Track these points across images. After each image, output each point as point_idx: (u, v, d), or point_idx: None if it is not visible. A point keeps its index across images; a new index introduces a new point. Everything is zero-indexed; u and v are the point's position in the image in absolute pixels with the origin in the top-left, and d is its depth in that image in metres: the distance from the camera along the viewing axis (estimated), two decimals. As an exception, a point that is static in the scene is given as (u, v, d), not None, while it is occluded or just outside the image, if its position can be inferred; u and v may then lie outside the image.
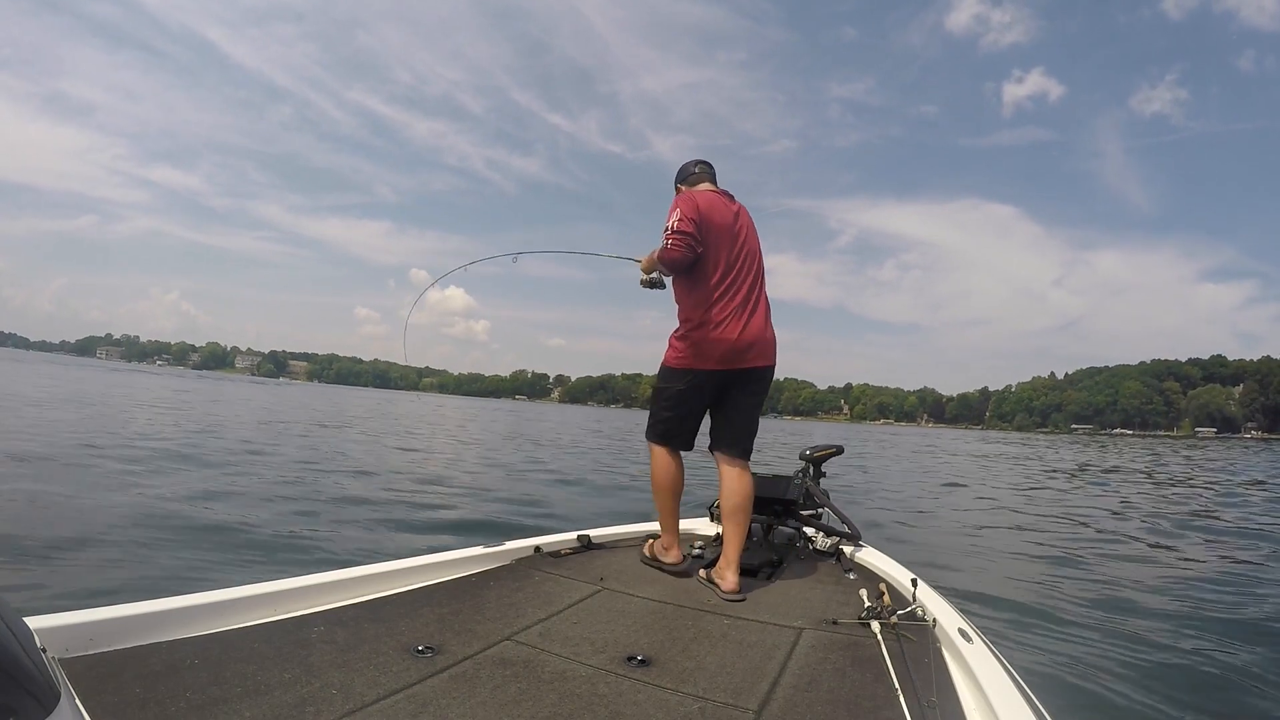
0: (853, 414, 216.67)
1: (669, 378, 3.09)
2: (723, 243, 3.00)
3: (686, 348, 3.01)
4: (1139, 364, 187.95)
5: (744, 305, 2.99)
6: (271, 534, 5.66)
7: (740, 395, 3.05)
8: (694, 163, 3.36)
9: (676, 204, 3.02)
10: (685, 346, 3.01)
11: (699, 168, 3.32)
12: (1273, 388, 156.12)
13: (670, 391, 3.08)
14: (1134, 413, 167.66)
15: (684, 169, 3.36)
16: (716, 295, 2.97)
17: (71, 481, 6.95)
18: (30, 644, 0.87)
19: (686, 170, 3.34)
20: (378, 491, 8.51)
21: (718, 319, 2.95)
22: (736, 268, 3.02)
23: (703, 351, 2.97)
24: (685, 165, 3.38)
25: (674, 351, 3.07)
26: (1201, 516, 10.85)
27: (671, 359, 3.08)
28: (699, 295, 2.99)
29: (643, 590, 2.78)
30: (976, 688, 1.89)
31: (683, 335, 3.03)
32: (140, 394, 26.19)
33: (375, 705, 1.63)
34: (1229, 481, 19.31)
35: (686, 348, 3.01)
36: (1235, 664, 3.84)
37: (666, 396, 3.09)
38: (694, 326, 2.98)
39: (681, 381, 3.04)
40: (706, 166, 3.34)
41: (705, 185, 3.25)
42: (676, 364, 3.05)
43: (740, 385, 3.04)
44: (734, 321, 2.96)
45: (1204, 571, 6.42)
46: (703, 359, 2.98)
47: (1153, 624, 4.56)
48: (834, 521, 3.69)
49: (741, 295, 3.00)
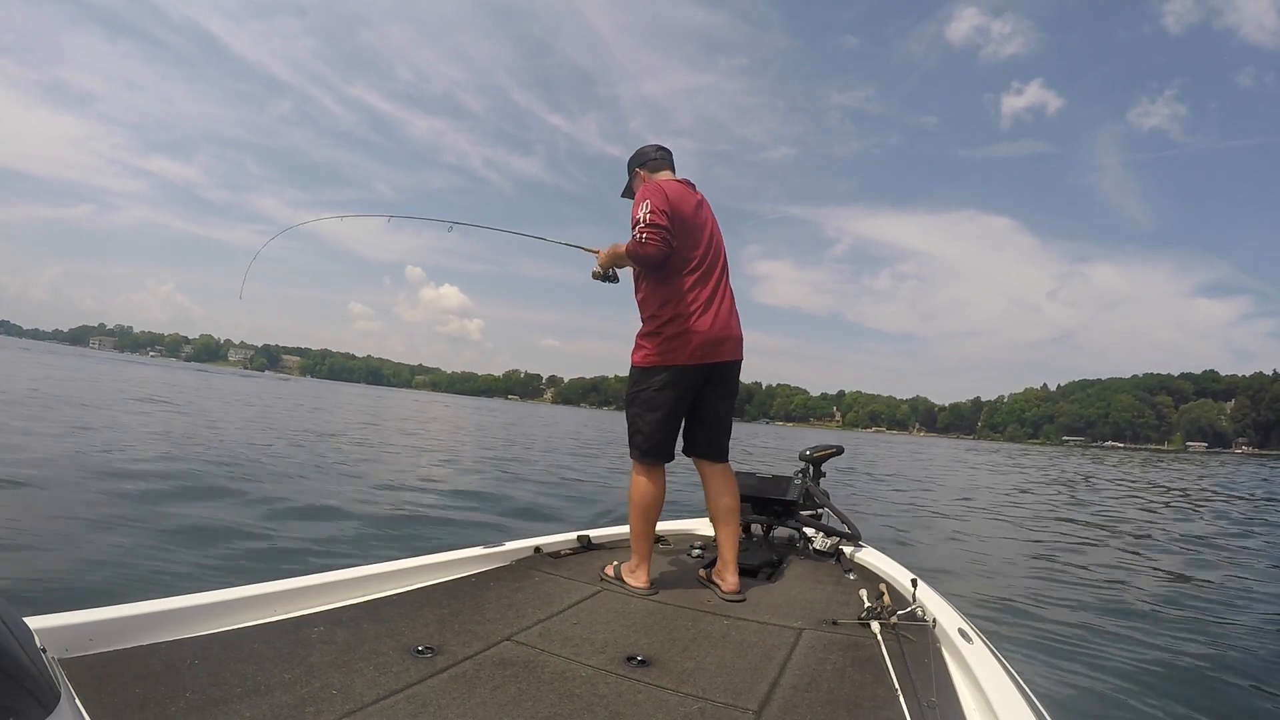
0: (845, 421, 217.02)
1: (641, 379, 2.92)
2: (691, 235, 2.89)
3: (658, 344, 2.86)
4: (1131, 377, 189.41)
5: (713, 298, 2.89)
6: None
7: (713, 394, 2.95)
8: (653, 147, 3.18)
9: (645, 195, 2.86)
10: (657, 343, 2.87)
11: (659, 154, 3.15)
12: (1264, 403, 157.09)
13: (646, 394, 2.90)
14: (1125, 426, 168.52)
15: (643, 153, 3.17)
16: (687, 289, 2.86)
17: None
18: (30, 644, 0.87)
19: (646, 155, 3.16)
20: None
21: (689, 313, 2.84)
22: (706, 261, 2.92)
23: (675, 346, 2.84)
24: (644, 149, 3.19)
25: (644, 351, 2.91)
26: (1200, 525, 10.89)
27: (642, 359, 2.92)
28: (669, 290, 2.86)
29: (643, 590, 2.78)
30: (976, 688, 1.89)
31: (653, 332, 2.88)
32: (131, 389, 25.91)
33: (375, 705, 1.62)
34: (1229, 493, 19.41)
35: (658, 344, 2.86)
36: (1234, 665, 3.86)
37: (642, 400, 2.91)
38: (664, 322, 2.85)
39: (656, 381, 2.87)
40: (666, 153, 3.18)
41: (665, 173, 3.10)
42: (648, 363, 2.89)
43: (713, 383, 2.93)
44: (704, 314, 2.86)
45: (1204, 576, 6.44)
46: (675, 354, 2.84)
47: (1152, 625, 4.59)
48: (834, 522, 3.69)
49: (710, 288, 2.90)
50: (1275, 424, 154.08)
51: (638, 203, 2.86)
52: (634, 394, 2.94)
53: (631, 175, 3.18)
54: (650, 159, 3.14)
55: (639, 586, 2.80)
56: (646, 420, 2.89)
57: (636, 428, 2.92)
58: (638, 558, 2.87)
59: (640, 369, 2.92)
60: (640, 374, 2.92)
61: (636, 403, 2.93)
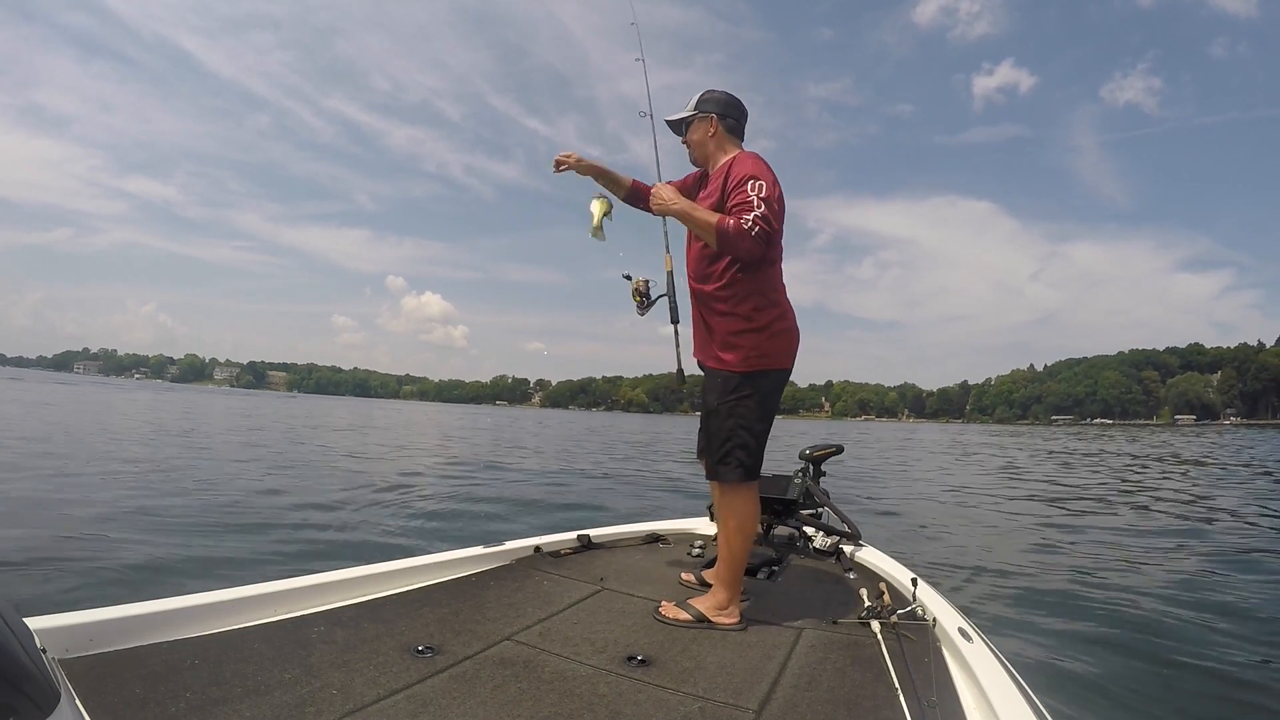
0: (834, 411, 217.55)
1: (743, 385, 2.47)
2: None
3: (762, 343, 2.47)
4: (1117, 354, 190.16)
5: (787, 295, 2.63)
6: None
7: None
8: (739, 104, 2.70)
9: (758, 170, 2.41)
10: (760, 341, 2.47)
11: (743, 119, 2.70)
12: (1250, 374, 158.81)
13: (750, 403, 2.46)
14: (1113, 402, 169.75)
15: (726, 101, 2.66)
16: (781, 281, 2.55)
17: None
18: (30, 644, 0.87)
19: (733, 106, 2.67)
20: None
21: (787, 309, 2.54)
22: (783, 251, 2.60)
23: (780, 346, 2.51)
24: (730, 97, 2.68)
25: (743, 351, 2.47)
26: (1203, 510, 10.91)
27: (742, 361, 2.47)
28: (771, 276, 2.52)
29: (643, 590, 2.78)
30: (976, 687, 1.90)
31: (757, 329, 2.47)
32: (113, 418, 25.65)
33: (375, 705, 1.63)
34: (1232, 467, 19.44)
35: (762, 343, 2.47)
36: (1234, 664, 3.86)
37: (751, 408, 2.46)
38: (774, 317, 2.49)
39: (764, 386, 2.49)
40: (745, 116, 2.72)
41: (735, 146, 2.68)
42: (752, 366, 2.47)
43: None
44: (792, 311, 2.59)
45: (1203, 572, 6.46)
46: (780, 355, 2.52)
47: (1153, 625, 4.58)
48: (834, 521, 3.69)
49: (784, 283, 2.62)
50: (1262, 394, 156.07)
51: (748, 175, 2.40)
52: (734, 403, 2.47)
53: (697, 114, 2.67)
54: (732, 116, 2.66)
55: (733, 624, 2.42)
56: (756, 433, 2.48)
57: (740, 442, 2.46)
58: (732, 592, 2.47)
59: (741, 374, 2.48)
60: (741, 380, 2.47)
61: (738, 413, 2.46)
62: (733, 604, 2.46)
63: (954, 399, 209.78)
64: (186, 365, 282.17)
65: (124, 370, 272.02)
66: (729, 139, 2.66)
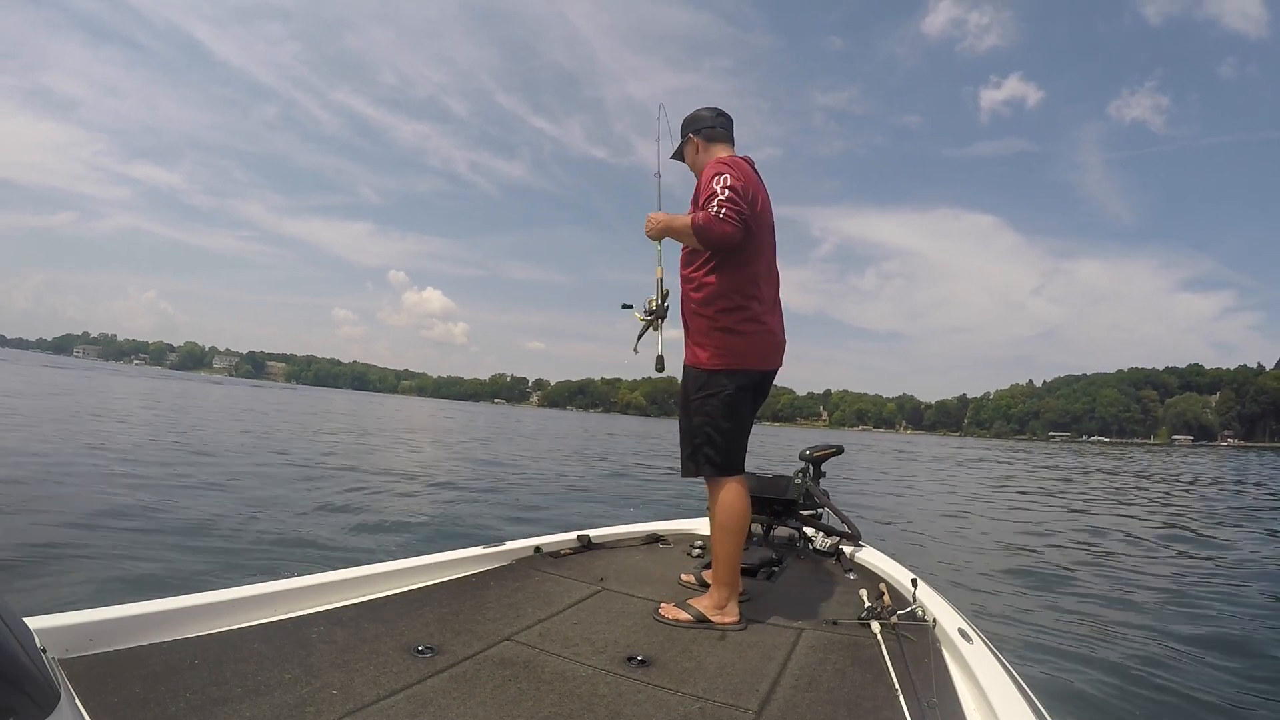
0: (831, 420, 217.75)
1: (709, 383, 2.55)
2: (763, 223, 2.61)
3: (729, 342, 2.55)
4: (1116, 372, 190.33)
5: (776, 297, 2.70)
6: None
7: (753, 404, 2.66)
8: (712, 112, 2.80)
9: (721, 167, 2.54)
10: (728, 341, 2.55)
11: (718, 120, 2.78)
12: (1249, 396, 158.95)
13: (720, 398, 2.53)
14: (1111, 420, 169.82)
15: (699, 117, 2.79)
16: (760, 281, 2.60)
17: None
18: (30, 644, 0.87)
19: (702, 119, 2.79)
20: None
21: (761, 309, 2.59)
22: (769, 254, 2.68)
23: (748, 346, 2.57)
24: (700, 113, 2.80)
25: (710, 350, 2.57)
26: (1195, 521, 10.97)
27: (709, 360, 2.56)
28: (743, 278, 2.56)
29: (643, 590, 2.78)
30: (976, 688, 1.90)
31: (724, 328, 2.55)
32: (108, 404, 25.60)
33: (375, 705, 1.63)
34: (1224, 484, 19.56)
35: (729, 342, 2.55)
36: (1233, 665, 3.88)
37: (716, 406, 2.53)
38: (740, 319, 2.55)
39: (731, 384, 2.54)
40: (726, 121, 2.80)
41: (723, 147, 2.77)
42: (717, 365, 2.55)
43: (760, 392, 2.67)
44: (773, 313, 2.65)
45: (1201, 573, 6.48)
46: (748, 356, 2.57)
47: (1152, 625, 4.60)
48: (834, 521, 3.69)
49: (773, 285, 2.69)
50: (1260, 416, 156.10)
51: (711, 174, 2.54)
52: (700, 400, 2.56)
53: (684, 140, 2.84)
54: (707, 125, 2.78)
55: (733, 623, 2.43)
56: (723, 430, 2.54)
57: (706, 439, 2.55)
58: (729, 590, 2.48)
59: (706, 372, 2.57)
60: (707, 377, 2.57)
61: (705, 410, 2.55)
62: (731, 602, 2.48)
63: (952, 412, 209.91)
64: (186, 353, 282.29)
65: (123, 356, 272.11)
66: (712, 146, 2.79)
